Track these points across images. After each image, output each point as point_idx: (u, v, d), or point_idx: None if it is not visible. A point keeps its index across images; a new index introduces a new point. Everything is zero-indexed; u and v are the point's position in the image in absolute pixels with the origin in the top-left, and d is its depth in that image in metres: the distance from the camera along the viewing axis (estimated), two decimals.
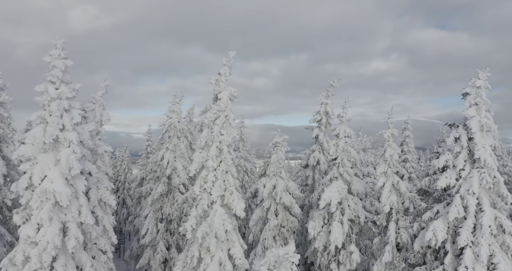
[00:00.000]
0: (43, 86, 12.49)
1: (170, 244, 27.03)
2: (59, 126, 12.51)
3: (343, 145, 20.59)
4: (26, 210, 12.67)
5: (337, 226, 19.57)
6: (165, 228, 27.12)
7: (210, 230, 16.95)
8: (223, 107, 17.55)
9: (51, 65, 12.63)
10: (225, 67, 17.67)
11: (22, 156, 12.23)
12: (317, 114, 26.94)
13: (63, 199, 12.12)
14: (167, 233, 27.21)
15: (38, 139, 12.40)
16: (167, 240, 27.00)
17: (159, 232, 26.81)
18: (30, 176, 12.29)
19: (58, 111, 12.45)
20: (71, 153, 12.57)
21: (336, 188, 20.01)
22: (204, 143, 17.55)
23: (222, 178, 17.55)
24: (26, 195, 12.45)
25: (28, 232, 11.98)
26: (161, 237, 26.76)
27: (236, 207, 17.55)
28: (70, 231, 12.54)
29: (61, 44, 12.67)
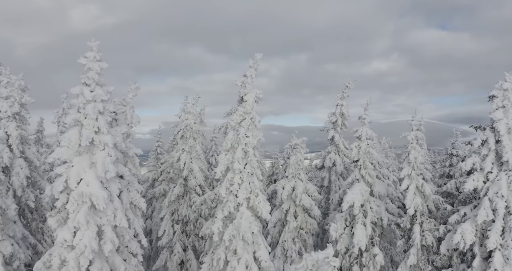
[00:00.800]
0: (78, 88, 12.41)
1: (186, 246, 26.95)
2: (95, 129, 12.43)
3: (365, 147, 20.53)
4: (61, 213, 12.58)
5: (360, 228, 19.50)
6: (181, 229, 27.04)
7: (237, 232, 16.89)
8: (249, 109, 17.48)
9: (86, 67, 12.55)
10: (251, 69, 17.61)
11: (58, 159, 12.14)
12: (333, 116, 26.93)
13: (100, 203, 12.04)
14: (183, 235, 27.12)
15: (73, 141, 12.33)
16: (183, 241, 26.92)
17: (176, 234, 26.73)
18: (66, 179, 12.20)
19: (94, 113, 12.38)
20: (106, 156, 12.49)
21: (359, 190, 19.96)
22: (230, 145, 17.49)
23: (247, 181, 17.49)
24: (62, 198, 12.37)
25: (65, 235, 11.89)
26: (178, 238, 26.68)
27: (262, 210, 17.48)
28: (105, 234, 12.47)
29: (96, 46, 12.59)
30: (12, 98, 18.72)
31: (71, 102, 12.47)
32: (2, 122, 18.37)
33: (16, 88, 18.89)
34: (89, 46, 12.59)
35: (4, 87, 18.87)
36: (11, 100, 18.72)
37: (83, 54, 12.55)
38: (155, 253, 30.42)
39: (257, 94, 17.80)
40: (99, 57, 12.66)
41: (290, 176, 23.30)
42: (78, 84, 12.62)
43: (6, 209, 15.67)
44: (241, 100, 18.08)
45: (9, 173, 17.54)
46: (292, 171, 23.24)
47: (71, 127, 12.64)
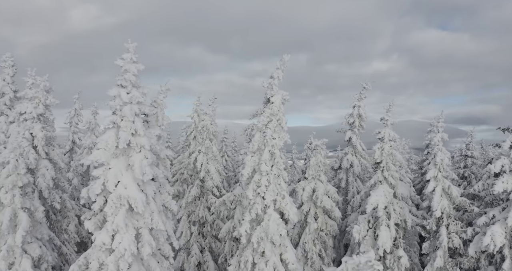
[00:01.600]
0: (115, 90, 12.33)
1: (203, 248, 26.87)
2: (132, 131, 12.35)
3: (388, 148, 20.47)
4: (97, 216, 12.51)
5: (384, 230, 19.43)
6: (198, 231, 26.96)
7: (265, 235, 16.82)
8: (275, 110, 17.41)
9: (123, 69, 12.47)
10: (278, 71, 17.54)
11: (95, 162, 12.06)
12: (350, 117, 26.86)
13: (138, 205, 11.96)
14: (199, 236, 27.04)
15: (110, 144, 12.25)
16: (200, 243, 26.84)
17: (192, 235, 26.65)
18: (103, 182, 12.11)
19: (131, 115, 12.30)
20: (143, 158, 12.42)
21: (383, 192, 19.88)
22: (257, 147, 17.42)
23: (274, 182, 17.42)
24: (99, 200, 12.29)
25: (103, 238, 11.80)
26: (195, 240, 26.60)
27: (289, 212, 17.41)
28: (143, 237, 12.38)
29: (133, 48, 12.51)
30: (37, 99, 18.67)
31: (109, 104, 12.38)
32: (27, 123, 18.31)
33: (41, 90, 18.84)
34: (126, 48, 12.51)
35: (29, 88, 18.82)
36: (36, 101, 18.67)
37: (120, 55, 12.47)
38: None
39: (283, 96, 17.73)
40: (136, 58, 12.58)
41: (310, 177, 23.21)
42: (115, 86, 12.54)
43: (34, 211, 15.58)
44: (267, 102, 18.01)
45: (35, 175, 17.45)
46: (312, 172, 23.16)
47: (107, 129, 12.56)
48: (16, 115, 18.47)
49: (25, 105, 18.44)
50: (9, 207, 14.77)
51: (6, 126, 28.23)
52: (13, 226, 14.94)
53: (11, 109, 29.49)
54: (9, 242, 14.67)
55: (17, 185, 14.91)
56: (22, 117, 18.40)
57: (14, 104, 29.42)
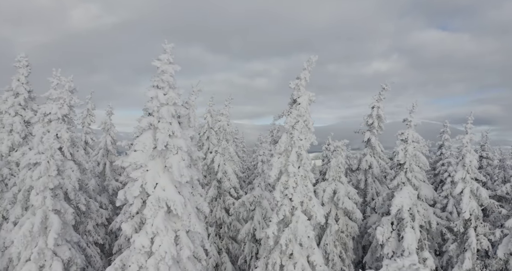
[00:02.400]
0: (153, 91, 12.24)
1: (220, 249, 26.77)
2: (169, 133, 12.26)
3: (412, 150, 20.36)
4: (135, 219, 12.41)
5: (410, 232, 19.30)
6: (215, 232, 26.85)
7: (293, 237, 16.74)
8: (302, 111, 17.32)
9: (160, 70, 12.39)
10: (305, 71, 17.45)
11: (134, 163, 11.97)
12: (369, 118, 26.75)
13: (178, 208, 11.86)
14: (216, 238, 26.94)
15: (147, 145, 12.16)
16: (217, 244, 26.74)
17: (210, 236, 26.56)
18: (141, 184, 12.02)
19: (168, 117, 12.21)
20: (180, 160, 12.33)
21: (407, 194, 19.79)
22: (284, 148, 17.32)
23: (301, 184, 17.33)
24: (136, 203, 12.19)
25: (143, 241, 11.70)
26: (212, 241, 26.50)
27: (317, 213, 17.32)
28: (181, 240, 12.29)
29: (170, 48, 12.42)
30: (62, 99, 18.58)
31: (146, 105, 12.28)
32: (53, 124, 18.22)
33: (66, 90, 18.74)
34: (163, 48, 12.42)
35: (53, 89, 18.72)
36: (60, 102, 18.58)
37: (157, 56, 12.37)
38: None
39: (310, 97, 17.65)
40: (172, 59, 12.48)
41: (330, 178, 23.14)
42: (151, 87, 12.45)
43: (64, 213, 15.48)
44: (293, 103, 17.92)
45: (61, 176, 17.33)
46: (333, 173, 23.08)
47: (144, 131, 12.46)
48: (41, 115, 18.36)
49: (50, 105, 18.33)
50: (40, 209, 14.67)
51: (21, 127, 28.20)
52: (44, 228, 14.85)
53: (25, 109, 29.52)
54: (40, 244, 14.58)
55: (48, 187, 14.82)
56: (47, 118, 18.30)
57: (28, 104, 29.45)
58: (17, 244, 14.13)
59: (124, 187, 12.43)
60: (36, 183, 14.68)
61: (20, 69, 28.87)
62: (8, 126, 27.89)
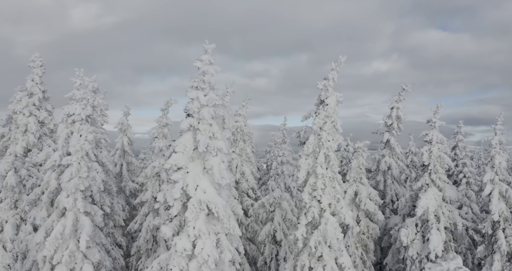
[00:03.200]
0: (194, 92, 12.06)
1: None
2: (209, 134, 12.09)
3: (437, 151, 20.26)
4: (174, 221, 12.22)
5: (435, 234, 19.21)
6: None
7: (323, 239, 16.59)
8: (330, 112, 17.17)
9: (201, 71, 12.21)
10: (333, 72, 17.29)
11: (174, 165, 11.79)
12: (388, 118, 26.59)
13: (219, 210, 11.69)
14: None
15: (188, 147, 11.99)
16: None
17: None
18: (182, 186, 11.83)
19: (209, 118, 12.04)
20: (220, 162, 12.16)
21: (433, 195, 19.70)
22: (311, 149, 17.17)
23: (329, 186, 17.19)
24: (176, 205, 12.00)
25: (185, 244, 11.52)
26: None
27: (345, 215, 17.18)
28: (221, 243, 12.12)
29: (211, 49, 12.24)
30: (85, 100, 18.37)
31: (187, 106, 12.10)
32: (76, 125, 18.00)
33: (89, 90, 18.53)
34: (204, 49, 12.24)
35: (76, 89, 18.51)
36: (84, 103, 18.37)
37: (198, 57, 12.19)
38: None
39: (337, 98, 17.51)
40: (213, 60, 12.31)
41: (351, 180, 23.00)
42: (191, 88, 12.27)
43: (94, 215, 15.28)
44: (320, 103, 17.77)
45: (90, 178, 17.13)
46: (354, 175, 22.94)
47: (184, 132, 12.28)
48: (64, 116, 18.13)
49: (73, 106, 18.11)
50: (71, 212, 14.47)
51: (36, 127, 27.98)
52: (74, 231, 14.65)
53: (40, 110, 29.28)
54: (71, 247, 14.37)
55: (79, 189, 14.61)
56: (70, 118, 18.07)
57: (43, 105, 29.21)
58: (48, 246, 13.93)
59: (162, 189, 12.22)
60: (67, 185, 14.47)
61: (35, 69, 28.65)
62: (22, 127, 27.67)
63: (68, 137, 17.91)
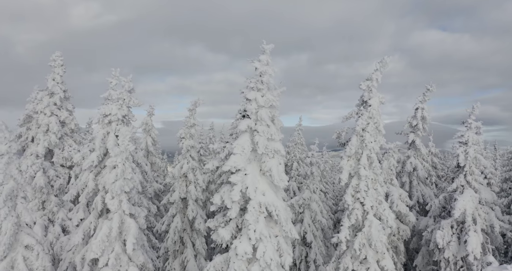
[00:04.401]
0: (253, 93, 11.80)
1: None
2: (268, 136, 11.83)
3: (473, 152, 20.06)
4: (231, 224, 11.96)
5: (473, 236, 19.01)
6: None
7: (367, 241, 16.39)
8: (374, 113, 16.97)
9: (259, 71, 11.94)
10: (377, 72, 17.09)
11: (233, 167, 11.53)
12: (413, 119, 26.40)
13: (280, 213, 11.45)
14: None
15: (246, 149, 11.72)
16: None
17: None
18: (241, 188, 11.57)
19: (268, 119, 11.79)
20: (278, 164, 11.91)
21: (470, 197, 19.50)
22: (354, 151, 16.95)
23: (372, 187, 16.98)
24: (234, 207, 11.74)
25: (245, 248, 11.26)
26: None
27: (387, 217, 16.99)
28: (281, 246, 11.87)
29: (270, 49, 11.98)
30: (121, 100, 18.08)
31: (246, 107, 11.84)
32: (113, 125, 17.73)
33: (125, 90, 18.23)
34: (262, 49, 11.97)
35: (112, 89, 18.21)
36: (120, 103, 18.08)
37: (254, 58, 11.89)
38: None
39: (380, 98, 17.31)
40: (271, 60, 12.05)
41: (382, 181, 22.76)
42: (248, 88, 12.00)
43: (137, 217, 15.01)
44: (362, 104, 17.57)
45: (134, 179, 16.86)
46: (385, 176, 22.73)
47: (242, 133, 12.02)
48: (100, 116, 17.83)
49: (109, 106, 17.82)
50: (116, 214, 14.19)
51: (57, 127, 27.66)
52: (119, 233, 14.37)
53: (61, 109, 28.94)
54: (117, 249, 14.09)
55: (124, 190, 14.33)
56: (107, 118, 17.78)
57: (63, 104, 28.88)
58: (95, 249, 13.64)
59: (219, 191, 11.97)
60: (111, 187, 14.18)
61: (55, 68, 28.32)
62: (44, 127, 27.35)
63: (105, 137, 17.65)
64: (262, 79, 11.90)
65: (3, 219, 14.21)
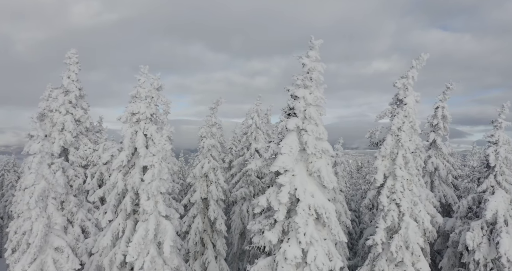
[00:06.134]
0: (301, 91, 11.38)
1: None
2: (316, 135, 11.42)
3: (503, 152, 19.69)
4: (277, 227, 11.54)
5: (506, 237, 18.64)
6: None
7: (403, 243, 16.01)
8: (410, 112, 16.58)
9: (307, 67, 11.52)
10: (413, 70, 16.71)
11: (282, 168, 11.11)
12: (434, 118, 26.02)
13: (330, 216, 11.05)
14: None
15: (294, 148, 11.31)
16: None
17: None
18: (289, 190, 11.16)
19: (317, 118, 11.37)
20: (326, 164, 11.50)
21: (501, 198, 19.14)
22: (389, 150, 16.56)
23: (407, 188, 16.59)
24: (282, 209, 11.32)
25: (295, 251, 10.85)
26: None
27: (423, 219, 16.62)
28: (330, 250, 11.46)
29: (318, 44, 11.56)
30: (149, 98, 17.62)
31: (295, 105, 11.41)
32: (141, 123, 17.27)
33: (153, 88, 17.76)
34: (310, 45, 11.55)
35: (141, 87, 17.73)
36: (148, 101, 17.62)
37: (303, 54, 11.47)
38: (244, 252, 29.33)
39: (415, 97, 16.92)
40: (320, 56, 11.63)
41: None
42: (294, 86, 11.58)
43: (172, 218, 14.58)
44: (396, 103, 17.19)
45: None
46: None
47: (288, 132, 11.60)
48: (128, 115, 17.36)
49: (138, 104, 17.32)
50: (152, 215, 13.75)
51: (73, 125, 27.19)
52: (155, 235, 13.93)
53: (76, 108, 28.44)
54: (152, 252, 13.66)
55: (160, 191, 13.89)
56: (135, 117, 17.31)
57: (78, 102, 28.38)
58: (132, 252, 13.20)
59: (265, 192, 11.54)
60: (147, 187, 13.74)
61: (71, 66, 27.88)
62: (59, 125, 26.91)
63: (133, 136, 17.19)
64: (311, 75, 11.47)
65: (34, 220, 13.80)
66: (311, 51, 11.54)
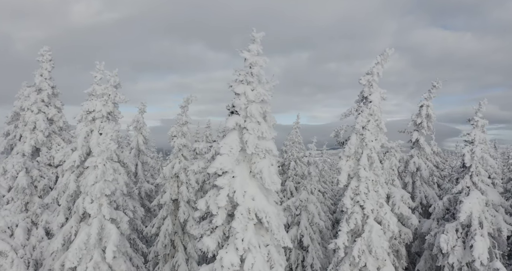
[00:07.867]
0: (242, 87, 10.67)
1: None
2: (258, 134, 10.71)
3: (479, 152, 18.92)
4: (217, 232, 10.85)
5: (480, 240, 17.88)
6: None
7: (366, 247, 15.31)
8: (375, 110, 15.86)
9: (248, 62, 10.80)
10: (378, 66, 15.99)
11: (220, 169, 10.41)
12: (417, 117, 25.24)
13: (271, 220, 10.34)
14: None
15: (234, 148, 10.60)
16: None
17: None
18: (228, 193, 10.46)
19: (259, 116, 10.67)
20: (270, 165, 10.79)
21: (476, 199, 18.37)
22: (353, 150, 15.86)
23: (373, 189, 15.88)
24: (221, 214, 10.62)
25: (232, 259, 10.15)
26: None
27: (389, 222, 15.91)
28: (272, 256, 10.75)
29: (260, 37, 10.85)
30: (106, 96, 16.95)
31: (234, 102, 10.71)
32: (97, 122, 16.61)
33: (110, 85, 17.10)
34: (252, 38, 10.84)
35: (97, 84, 17.06)
36: (105, 99, 16.95)
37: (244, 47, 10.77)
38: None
39: (381, 94, 16.20)
40: (261, 50, 10.92)
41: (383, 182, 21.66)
42: (237, 82, 10.87)
43: (119, 222, 13.90)
44: (361, 100, 16.48)
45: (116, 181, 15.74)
46: (386, 177, 21.61)
47: (229, 131, 10.90)
48: (83, 113, 16.71)
49: (93, 102, 16.68)
50: (95, 218, 13.08)
51: (45, 125, 26.54)
52: (98, 239, 13.26)
53: (49, 107, 27.81)
54: (95, 258, 12.99)
55: (105, 193, 13.21)
56: (90, 115, 16.66)
57: (52, 101, 27.76)
58: (71, 258, 12.55)
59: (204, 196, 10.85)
60: (91, 189, 13.08)
61: (43, 64, 27.24)
62: (31, 124, 26.26)
63: (88, 135, 16.54)
64: (252, 71, 10.75)
65: None
66: (252, 45, 10.81)
